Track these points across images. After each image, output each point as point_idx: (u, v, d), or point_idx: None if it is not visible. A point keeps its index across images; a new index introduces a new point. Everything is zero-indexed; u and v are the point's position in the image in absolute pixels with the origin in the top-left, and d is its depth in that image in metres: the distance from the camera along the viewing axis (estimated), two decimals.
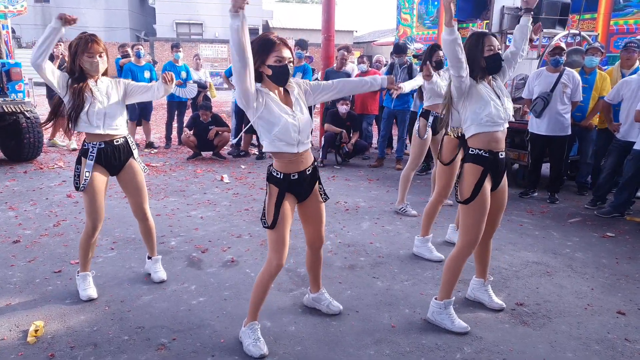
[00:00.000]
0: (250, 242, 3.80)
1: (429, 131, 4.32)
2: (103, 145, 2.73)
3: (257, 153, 7.32)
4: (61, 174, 5.92)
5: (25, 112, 6.03)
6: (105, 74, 2.79)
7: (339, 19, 9.42)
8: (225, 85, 8.60)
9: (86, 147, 2.73)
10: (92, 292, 2.83)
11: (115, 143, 2.78)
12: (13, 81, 6.01)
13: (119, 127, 2.78)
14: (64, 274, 3.14)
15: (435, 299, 2.64)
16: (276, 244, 2.26)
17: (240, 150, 7.38)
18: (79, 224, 4.10)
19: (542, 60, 5.57)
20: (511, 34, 6.50)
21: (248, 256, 3.52)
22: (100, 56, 2.64)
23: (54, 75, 2.62)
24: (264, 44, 2.14)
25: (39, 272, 3.17)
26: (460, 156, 3.22)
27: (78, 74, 2.65)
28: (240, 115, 7.33)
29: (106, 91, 2.74)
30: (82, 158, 2.74)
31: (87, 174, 2.69)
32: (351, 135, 6.81)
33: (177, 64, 7.60)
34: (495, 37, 2.54)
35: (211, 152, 7.06)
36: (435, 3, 9.35)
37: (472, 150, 2.52)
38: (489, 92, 2.51)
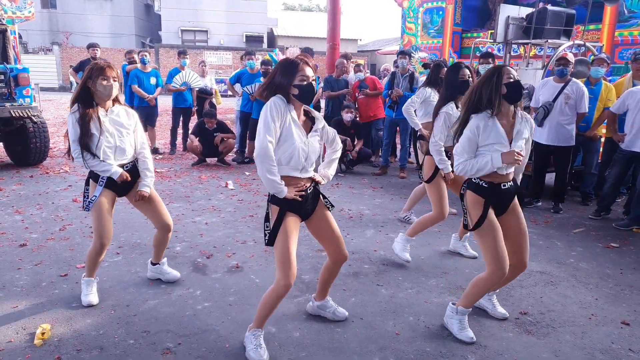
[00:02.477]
0: (255, 248, 3.81)
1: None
2: None
3: None
4: (67, 178, 5.96)
5: (32, 117, 6.09)
6: (117, 100, 2.81)
7: (343, 28, 9.50)
8: (230, 93, 8.64)
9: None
10: (94, 298, 2.84)
11: (124, 169, 2.80)
12: (20, 86, 6.08)
13: (129, 155, 2.82)
14: (70, 278, 3.16)
15: (453, 303, 2.67)
16: (282, 263, 2.26)
17: (244, 156, 7.42)
18: (85, 229, 4.13)
19: (546, 70, 5.60)
20: (516, 44, 6.58)
21: (253, 262, 3.53)
22: (114, 80, 2.67)
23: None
24: (289, 66, 2.26)
25: (45, 275, 3.19)
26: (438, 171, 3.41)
27: (86, 99, 2.67)
28: (244, 122, 7.38)
29: (118, 122, 2.75)
30: (91, 181, 2.76)
31: (94, 198, 2.72)
32: (355, 143, 6.84)
33: (183, 71, 7.67)
34: (512, 68, 2.49)
35: (216, 159, 7.10)
36: (440, 12, 9.42)
37: (473, 179, 2.53)
38: (499, 134, 2.44)
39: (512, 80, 2.42)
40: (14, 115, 5.80)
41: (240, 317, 2.71)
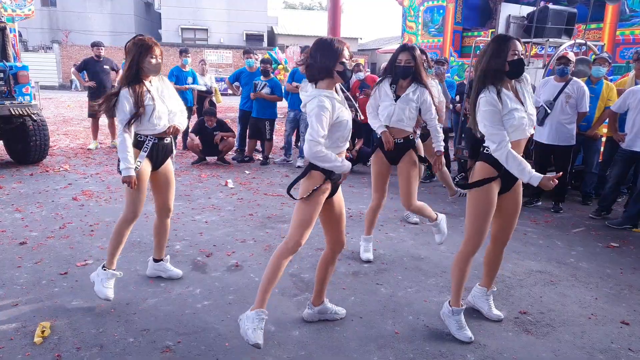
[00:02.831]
0: (255, 247, 3.81)
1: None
2: (156, 141, 2.87)
3: (261, 159, 7.35)
4: (67, 176, 5.96)
5: (32, 115, 6.09)
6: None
7: (344, 26, 9.48)
8: (230, 91, 8.63)
9: (141, 139, 2.83)
10: (111, 293, 2.80)
11: (165, 141, 2.92)
12: (20, 84, 6.07)
13: (175, 118, 2.94)
14: (69, 276, 3.16)
15: (448, 302, 2.66)
16: (304, 225, 2.40)
17: (244, 155, 7.41)
18: (85, 227, 4.13)
19: (547, 70, 5.59)
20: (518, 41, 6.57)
21: (252, 261, 3.53)
22: (160, 58, 2.80)
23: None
24: (333, 49, 2.30)
25: (45, 273, 3.19)
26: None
27: (134, 76, 2.76)
28: (244, 121, 7.38)
29: (160, 89, 2.88)
30: (135, 149, 2.81)
31: (139, 164, 2.79)
32: (355, 142, 6.83)
33: (184, 69, 7.66)
34: (519, 41, 2.44)
35: (216, 157, 7.09)
36: (441, 11, 9.41)
37: (486, 150, 2.48)
38: (511, 100, 2.41)
39: (516, 57, 2.38)
40: (13, 113, 5.80)
41: (239, 316, 2.71)
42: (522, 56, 2.42)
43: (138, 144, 2.83)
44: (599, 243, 4.17)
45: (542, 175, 2.35)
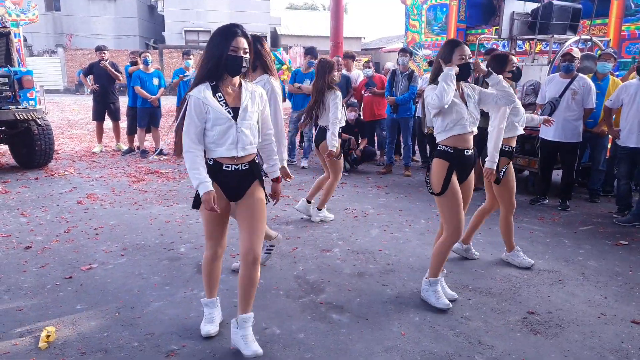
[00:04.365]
0: None
1: None
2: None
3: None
4: (72, 180, 5.97)
5: (37, 120, 6.11)
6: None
7: (347, 26, 9.47)
8: None
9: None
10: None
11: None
12: (25, 89, 6.10)
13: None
14: (74, 280, 3.16)
15: (425, 277, 2.93)
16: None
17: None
18: (90, 231, 4.13)
19: (552, 66, 5.54)
20: (521, 40, 6.51)
21: None
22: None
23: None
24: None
25: (50, 277, 3.19)
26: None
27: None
28: None
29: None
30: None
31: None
32: (359, 141, 6.81)
33: (187, 71, 7.67)
34: (466, 45, 2.82)
35: None
36: (444, 9, 9.36)
37: (440, 147, 2.82)
38: (455, 98, 2.75)
39: (463, 61, 2.73)
40: (18, 118, 5.82)
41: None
42: (469, 60, 2.77)
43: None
44: (607, 241, 4.12)
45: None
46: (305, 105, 7.02)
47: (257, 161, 2.40)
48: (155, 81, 7.45)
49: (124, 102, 7.95)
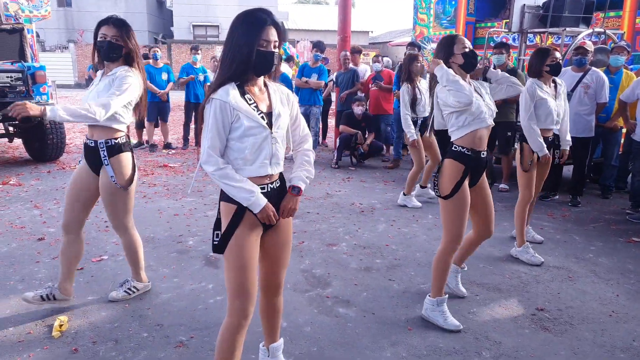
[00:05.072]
0: None
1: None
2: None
3: None
4: None
5: None
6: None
7: (354, 20, 9.42)
8: None
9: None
10: None
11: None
12: (38, 84, 6.16)
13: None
14: (85, 272, 3.20)
15: (429, 296, 2.68)
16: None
17: None
18: (100, 223, 4.18)
19: (564, 60, 5.46)
20: (532, 33, 6.42)
21: None
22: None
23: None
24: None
25: None
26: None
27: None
28: None
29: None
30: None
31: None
32: (366, 136, 6.79)
33: (195, 66, 7.69)
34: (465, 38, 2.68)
35: None
36: (453, 3, 9.26)
37: (454, 147, 2.59)
38: (471, 90, 2.54)
39: (467, 50, 2.57)
40: None
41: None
42: (471, 49, 2.62)
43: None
44: (620, 238, 4.07)
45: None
46: (312, 99, 7.06)
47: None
48: (164, 76, 7.48)
49: None
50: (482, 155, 2.61)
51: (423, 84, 4.89)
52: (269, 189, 1.80)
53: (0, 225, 4.06)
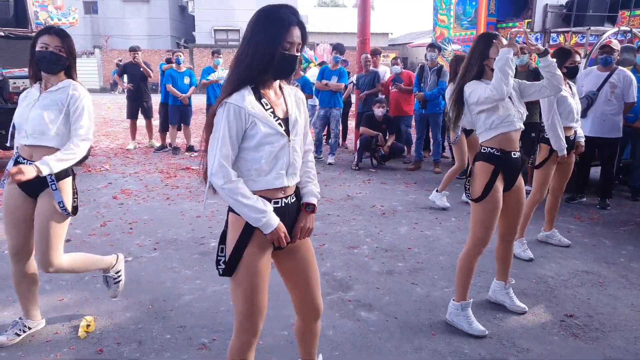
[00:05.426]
0: None
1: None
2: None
3: None
4: (107, 176, 6.16)
5: None
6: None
7: (374, 22, 9.36)
8: None
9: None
10: None
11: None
12: None
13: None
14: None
15: (453, 300, 2.63)
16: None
17: None
18: (124, 225, 4.24)
19: (589, 59, 5.32)
20: (555, 32, 6.28)
21: None
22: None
23: None
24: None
25: None
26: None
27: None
28: None
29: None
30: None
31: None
32: (387, 138, 6.74)
33: (216, 70, 7.77)
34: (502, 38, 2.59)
35: None
36: (473, 3, 9.13)
37: (483, 149, 2.56)
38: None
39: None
40: None
41: (273, 313, 2.70)
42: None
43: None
44: None
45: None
46: (332, 101, 7.06)
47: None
48: (187, 80, 7.58)
49: (156, 100, 8.14)
50: (514, 156, 2.54)
51: None
52: (283, 204, 1.66)
53: None
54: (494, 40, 2.52)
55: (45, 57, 2.25)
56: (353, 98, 8.46)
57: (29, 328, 2.49)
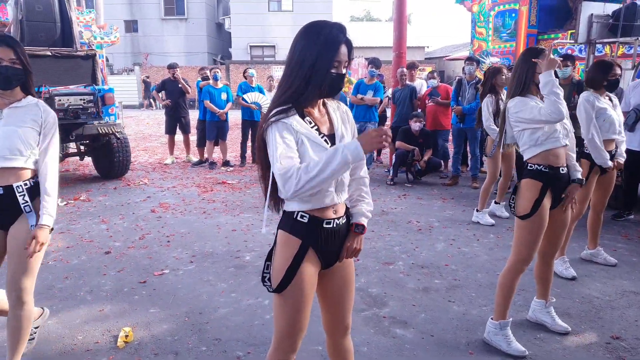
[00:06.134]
0: None
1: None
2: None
3: None
4: (146, 190, 6.37)
5: (117, 133, 6.60)
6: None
7: (410, 35, 9.34)
8: None
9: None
10: None
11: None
12: (107, 105, 6.62)
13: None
14: (148, 285, 3.34)
15: (492, 319, 2.56)
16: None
17: None
18: (162, 238, 4.36)
19: (637, 71, 5.11)
20: (600, 43, 6.08)
21: None
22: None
23: None
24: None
25: (126, 281, 3.40)
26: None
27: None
28: None
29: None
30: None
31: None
32: (424, 152, 6.66)
33: (251, 84, 7.95)
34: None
35: None
36: (513, 15, 8.97)
37: (530, 166, 2.50)
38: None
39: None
40: (101, 132, 6.33)
41: (308, 328, 2.69)
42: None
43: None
44: None
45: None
46: (368, 116, 7.06)
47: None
48: (224, 96, 7.79)
49: (193, 116, 8.38)
50: (562, 172, 2.49)
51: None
52: (334, 225, 1.62)
53: (71, 238, 4.35)
54: (540, 54, 2.46)
55: (1, 73, 1.99)
56: (388, 112, 8.43)
57: (36, 327, 2.46)
